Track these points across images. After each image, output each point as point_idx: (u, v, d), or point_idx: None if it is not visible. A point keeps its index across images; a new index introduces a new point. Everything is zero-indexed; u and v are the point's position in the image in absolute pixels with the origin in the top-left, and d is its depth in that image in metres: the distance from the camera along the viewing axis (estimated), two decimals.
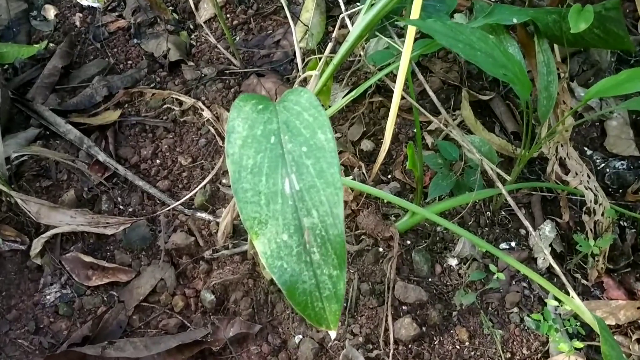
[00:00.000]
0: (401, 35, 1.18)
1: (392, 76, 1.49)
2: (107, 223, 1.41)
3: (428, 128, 1.42)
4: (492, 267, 1.14)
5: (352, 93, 1.07)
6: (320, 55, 1.10)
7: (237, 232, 1.32)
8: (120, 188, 1.46)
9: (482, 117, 1.45)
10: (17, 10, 1.78)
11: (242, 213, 0.72)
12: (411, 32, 0.94)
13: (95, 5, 1.77)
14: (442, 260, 1.25)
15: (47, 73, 1.62)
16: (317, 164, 0.73)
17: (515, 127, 1.41)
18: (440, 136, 1.40)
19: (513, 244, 1.28)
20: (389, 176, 1.37)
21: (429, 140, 1.39)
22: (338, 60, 1.05)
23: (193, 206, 1.39)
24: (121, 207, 1.44)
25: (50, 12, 1.78)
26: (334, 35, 1.13)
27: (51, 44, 1.71)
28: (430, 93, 1.05)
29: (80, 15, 1.75)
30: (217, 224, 1.32)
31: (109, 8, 1.77)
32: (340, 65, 1.08)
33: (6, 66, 1.65)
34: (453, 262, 1.24)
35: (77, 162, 1.48)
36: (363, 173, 1.32)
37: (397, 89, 1.01)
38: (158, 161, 1.48)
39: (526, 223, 0.98)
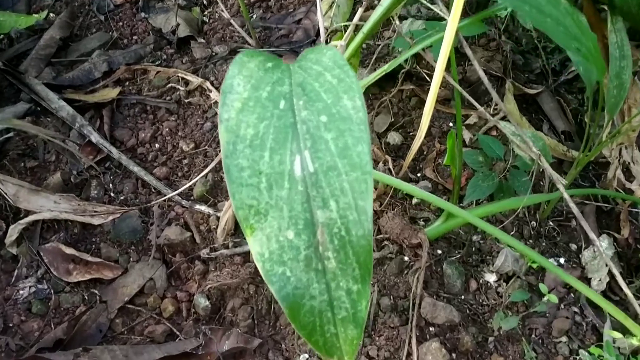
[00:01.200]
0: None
1: (426, 64, 1.28)
2: (95, 211, 1.21)
3: (466, 122, 1.21)
4: (542, 287, 0.92)
5: (385, 67, 0.86)
6: (347, 23, 0.89)
7: (240, 229, 1.11)
8: (112, 173, 1.26)
9: (527, 113, 1.23)
10: None
11: (235, 199, 0.52)
12: None
13: None
14: (479, 275, 1.04)
15: (43, 44, 1.44)
16: (340, 139, 0.53)
17: (567, 126, 1.19)
18: (482, 130, 1.19)
19: (562, 260, 1.06)
20: (419, 174, 1.16)
21: (467, 136, 1.18)
22: (369, 28, 0.85)
23: (192, 197, 1.19)
24: (112, 194, 1.24)
25: None
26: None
27: (52, 15, 1.53)
28: (480, 73, 0.84)
29: None
30: (218, 218, 1.12)
31: None
32: (372, 36, 0.88)
33: (1, 36, 1.47)
34: (491, 278, 1.03)
35: (68, 142, 1.29)
36: (389, 169, 1.11)
37: (440, 65, 0.80)
38: (157, 145, 1.29)
39: (592, 235, 0.77)
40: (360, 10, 0.88)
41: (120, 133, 1.31)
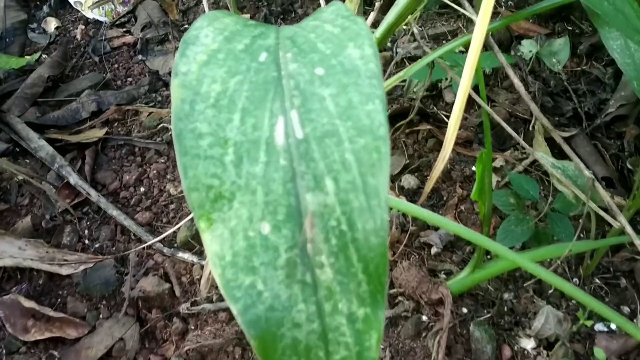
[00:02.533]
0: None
1: (444, 105, 1.13)
2: (65, 260, 1.03)
3: (492, 164, 1.04)
4: (599, 353, 0.72)
5: (402, 73, 0.71)
6: None
7: None
8: (89, 219, 1.09)
9: (560, 158, 1.06)
10: (14, 20, 1.50)
11: (187, 176, 0.34)
12: None
13: (102, 19, 1.48)
14: (513, 341, 0.83)
15: (30, 83, 1.31)
16: (341, 96, 0.36)
17: (607, 172, 1.02)
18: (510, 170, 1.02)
19: (613, 326, 0.86)
20: None
21: (494, 179, 1.01)
22: (382, 32, 0.71)
23: (175, 244, 1.02)
24: (86, 241, 1.07)
25: (51, 24, 1.50)
26: None
27: (44, 57, 1.42)
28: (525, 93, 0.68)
29: (83, 28, 1.46)
30: (202, 267, 0.94)
31: (117, 23, 1.48)
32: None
33: None
34: (529, 344, 0.82)
35: (44, 184, 1.13)
36: (403, 215, 0.94)
37: (465, 80, 0.65)
38: (142, 189, 1.12)
39: None
40: (372, 15, 0.74)
41: (103, 175, 1.15)
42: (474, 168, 1.04)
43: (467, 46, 0.62)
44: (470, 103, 1.12)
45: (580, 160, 0.98)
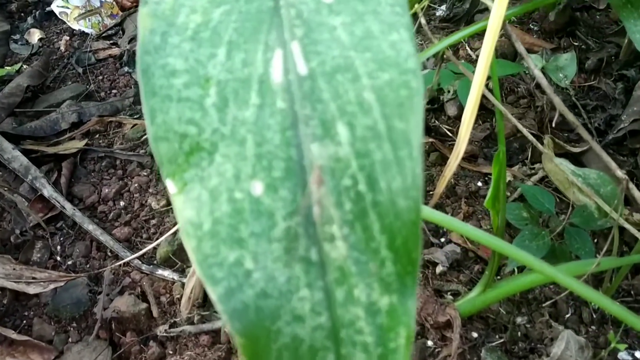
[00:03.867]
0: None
1: (446, 119, 1.06)
2: (33, 278, 0.93)
3: None
4: None
5: None
6: None
7: (208, 300, 0.83)
8: (63, 234, 1.00)
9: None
10: None
11: (154, 123, 0.25)
12: None
13: (88, 31, 1.41)
14: None
15: (8, 92, 1.22)
16: (357, 25, 0.27)
17: (621, 189, 0.94)
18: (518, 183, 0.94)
19: (638, 354, 0.77)
20: (443, 239, 0.89)
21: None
22: None
23: (155, 261, 0.92)
24: (58, 258, 0.97)
25: (35, 36, 1.42)
26: None
27: (25, 67, 1.34)
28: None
29: (68, 39, 1.39)
30: (183, 285, 0.85)
31: (104, 35, 1.41)
32: None
33: None
34: None
35: (16, 196, 1.04)
36: None
37: (482, 63, 0.58)
38: (122, 203, 1.03)
39: None
40: None
41: (81, 188, 1.06)
42: (479, 183, 0.96)
43: (469, 60, 0.55)
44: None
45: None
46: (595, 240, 0.85)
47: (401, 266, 0.24)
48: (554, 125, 1.02)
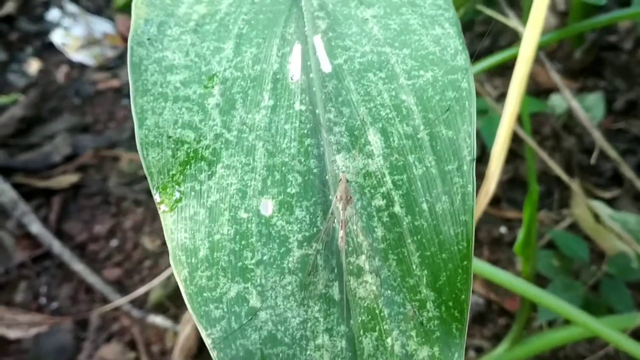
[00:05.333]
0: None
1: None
2: (15, 321, 0.89)
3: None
4: None
5: None
6: None
7: (205, 350, 0.78)
8: (50, 274, 0.95)
9: (600, 222, 0.94)
10: None
11: (142, 126, 0.22)
12: None
13: (88, 62, 1.39)
14: None
15: (0, 123, 1.20)
16: (392, 17, 0.23)
17: None
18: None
19: None
20: None
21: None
22: None
23: (146, 306, 0.87)
24: (43, 300, 0.92)
25: (34, 66, 1.41)
26: None
27: (21, 97, 1.32)
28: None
29: (67, 70, 1.37)
30: (176, 334, 0.79)
31: (105, 67, 1.40)
32: None
33: None
34: None
35: (2, 232, 1.00)
36: None
37: (514, 91, 0.54)
38: (115, 242, 0.99)
39: None
40: None
41: (71, 226, 1.02)
42: (503, 229, 0.91)
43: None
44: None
45: None
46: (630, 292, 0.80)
47: (446, 310, 0.20)
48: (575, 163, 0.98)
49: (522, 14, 0.65)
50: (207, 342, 0.18)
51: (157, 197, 0.21)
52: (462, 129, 0.21)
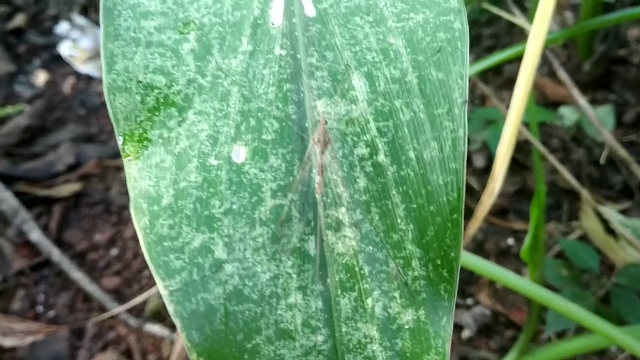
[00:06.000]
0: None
1: (472, 171, 1.01)
2: (10, 329, 0.87)
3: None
4: None
5: None
6: None
7: None
8: (48, 282, 0.93)
9: (610, 234, 0.92)
10: (1, 72, 1.41)
11: (110, 70, 0.21)
12: None
13: (96, 74, 1.39)
14: None
15: (5, 132, 1.20)
16: None
17: None
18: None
19: None
20: (469, 300, 0.81)
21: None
22: None
23: (144, 315, 0.85)
24: (41, 308, 0.90)
25: (41, 77, 1.41)
26: None
27: (27, 108, 1.32)
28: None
29: (73, 82, 1.37)
30: (173, 343, 0.77)
31: None
32: None
33: None
34: None
35: (1, 240, 0.99)
36: None
37: (521, 87, 0.53)
38: (114, 251, 0.97)
39: None
40: None
41: (72, 234, 1.00)
42: (510, 241, 0.89)
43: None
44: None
45: None
46: None
47: (433, 269, 0.18)
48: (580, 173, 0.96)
49: (529, 13, 0.63)
50: (164, 294, 0.17)
51: (122, 145, 0.19)
52: (453, 70, 0.19)
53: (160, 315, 0.83)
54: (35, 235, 0.98)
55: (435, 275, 0.18)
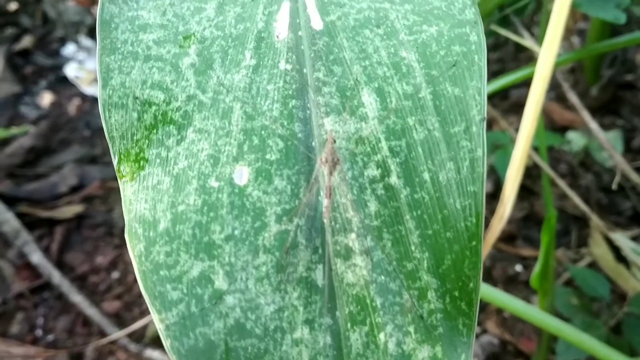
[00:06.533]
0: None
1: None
2: (8, 354, 0.85)
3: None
4: None
5: None
6: None
7: None
8: (48, 305, 0.92)
9: (621, 261, 0.90)
10: (7, 93, 1.42)
11: (105, 86, 0.19)
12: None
13: None
14: None
15: (9, 153, 1.19)
16: None
17: None
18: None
19: None
20: (477, 328, 0.79)
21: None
22: None
23: (144, 340, 0.83)
24: (40, 332, 0.88)
25: (46, 99, 1.41)
26: None
27: (32, 129, 1.31)
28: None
29: (78, 103, 1.37)
30: None
31: None
32: None
33: None
34: None
35: (2, 262, 0.98)
36: None
37: (530, 110, 0.52)
38: (116, 274, 0.96)
39: None
40: None
41: (73, 257, 0.99)
42: (518, 268, 0.87)
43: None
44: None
45: None
46: None
47: (451, 301, 0.16)
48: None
49: (537, 37, 0.62)
50: (160, 328, 0.15)
51: (117, 164, 0.18)
52: (470, 85, 0.17)
53: (161, 341, 0.81)
54: (36, 257, 0.96)
55: (452, 308, 0.17)
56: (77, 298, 0.89)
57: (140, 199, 0.17)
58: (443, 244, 0.17)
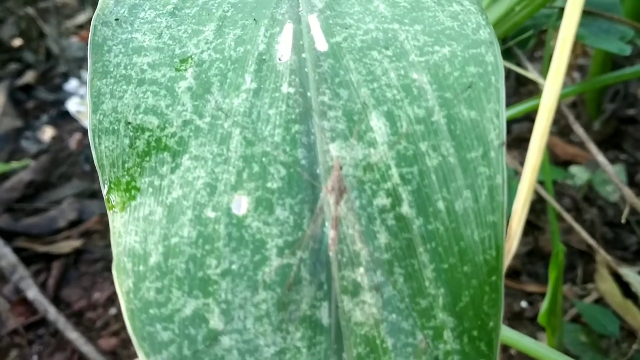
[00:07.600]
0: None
1: None
2: None
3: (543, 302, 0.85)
4: None
5: None
6: None
7: None
8: (43, 342, 0.89)
9: (628, 297, 0.88)
10: (8, 128, 1.41)
11: (95, 111, 0.18)
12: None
13: None
14: None
15: (8, 187, 1.18)
16: None
17: None
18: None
19: None
20: None
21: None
22: None
23: None
24: None
25: (47, 133, 1.41)
26: None
27: (32, 163, 1.31)
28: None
29: (79, 137, 1.37)
30: None
31: None
32: None
33: None
34: None
35: None
36: None
37: (535, 144, 0.51)
38: (113, 310, 0.93)
39: None
40: None
41: (70, 292, 0.97)
42: (523, 304, 0.85)
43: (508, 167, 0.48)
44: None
45: None
46: None
47: (469, 341, 0.15)
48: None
49: (542, 68, 0.62)
50: None
51: (106, 194, 0.16)
52: (487, 107, 0.16)
53: None
54: (32, 293, 0.94)
55: (471, 349, 0.15)
56: (73, 335, 0.87)
57: (130, 231, 0.16)
58: (460, 279, 0.15)
